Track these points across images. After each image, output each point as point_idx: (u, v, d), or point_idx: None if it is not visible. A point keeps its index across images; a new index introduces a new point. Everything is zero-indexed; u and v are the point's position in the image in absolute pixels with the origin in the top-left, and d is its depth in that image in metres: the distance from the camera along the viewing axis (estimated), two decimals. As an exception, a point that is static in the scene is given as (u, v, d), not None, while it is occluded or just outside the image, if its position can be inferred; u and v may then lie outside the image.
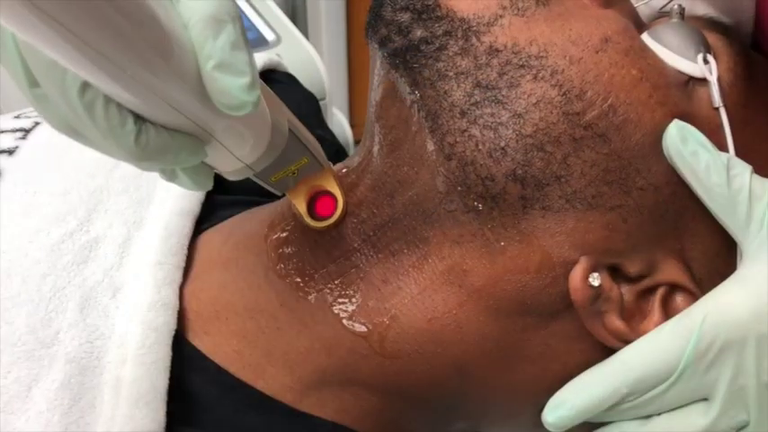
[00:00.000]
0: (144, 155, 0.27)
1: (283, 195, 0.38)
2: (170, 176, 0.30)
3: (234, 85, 0.25)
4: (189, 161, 0.28)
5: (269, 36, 0.91)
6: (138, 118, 0.26)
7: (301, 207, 0.38)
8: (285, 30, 0.93)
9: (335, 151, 0.58)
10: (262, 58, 0.57)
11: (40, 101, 0.27)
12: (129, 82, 0.25)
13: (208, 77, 0.26)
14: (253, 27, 0.92)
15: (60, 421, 0.33)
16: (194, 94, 0.26)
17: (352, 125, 0.96)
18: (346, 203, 0.38)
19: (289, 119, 0.34)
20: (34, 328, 0.36)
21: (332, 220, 0.38)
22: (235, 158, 0.31)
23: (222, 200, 0.46)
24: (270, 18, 0.94)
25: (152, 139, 0.26)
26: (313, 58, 0.90)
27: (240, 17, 0.26)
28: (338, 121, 0.95)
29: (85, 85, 0.25)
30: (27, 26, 0.22)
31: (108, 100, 0.25)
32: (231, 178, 0.33)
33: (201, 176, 0.31)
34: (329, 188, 0.38)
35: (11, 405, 0.34)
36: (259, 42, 0.90)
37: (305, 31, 1.49)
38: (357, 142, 0.87)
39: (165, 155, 0.27)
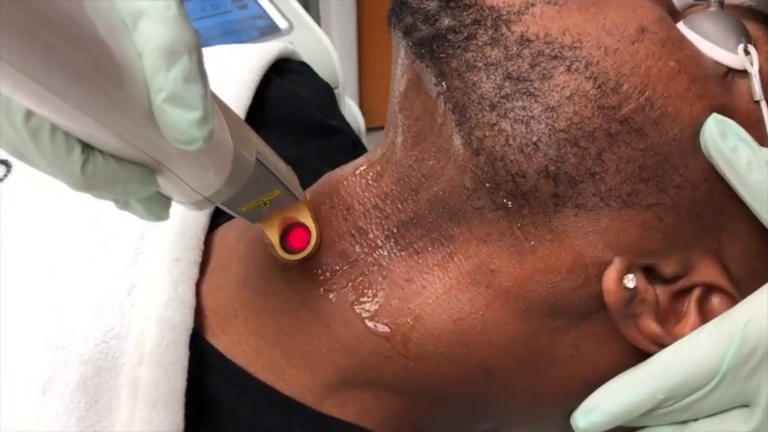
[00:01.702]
0: (91, 184, 0.25)
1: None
2: (123, 205, 0.29)
3: (184, 119, 0.24)
4: (139, 192, 0.27)
5: (281, 24, 0.90)
6: (87, 146, 0.25)
7: (273, 238, 0.36)
8: (297, 17, 0.92)
9: (352, 142, 0.57)
10: (276, 47, 0.56)
11: None
12: (71, 112, 0.23)
13: (158, 110, 0.24)
14: (265, 14, 0.91)
15: (77, 425, 0.32)
16: (145, 126, 0.25)
17: (363, 113, 0.95)
18: (320, 237, 0.37)
19: (259, 150, 0.32)
20: (48, 328, 0.35)
21: (304, 254, 0.36)
22: (191, 190, 0.29)
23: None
24: (282, 5, 0.92)
25: (99, 168, 0.25)
26: (326, 46, 0.89)
27: (199, 48, 0.24)
28: (350, 111, 0.93)
29: (31, 112, 0.24)
30: None
31: (54, 128, 0.24)
32: (190, 209, 0.31)
33: (157, 206, 0.29)
34: (303, 220, 0.37)
35: (25, 408, 0.33)
36: (271, 30, 0.89)
37: (316, 19, 1.47)
38: (369, 131, 0.86)
39: (114, 185, 0.26)
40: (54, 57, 0.22)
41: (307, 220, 0.37)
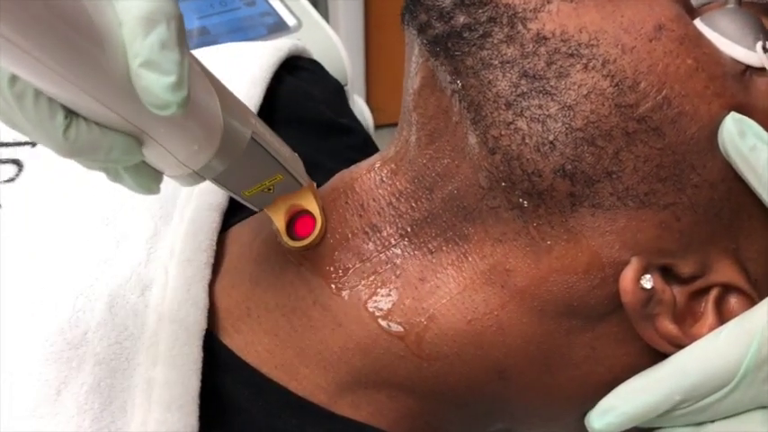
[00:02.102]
0: (73, 150, 0.26)
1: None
2: (114, 176, 0.29)
3: (158, 83, 0.25)
4: (123, 160, 0.27)
5: (290, 21, 0.90)
6: (71, 112, 0.26)
7: (279, 225, 0.36)
8: (306, 14, 0.91)
9: (363, 141, 0.56)
10: (287, 44, 0.55)
11: None
12: (52, 76, 0.24)
13: (134, 75, 0.25)
14: (273, 12, 0.91)
15: (91, 426, 0.32)
16: (125, 93, 0.26)
17: (370, 111, 0.94)
18: (325, 224, 0.37)
19: (256, 131, 0.32)
20: (62, 328, 0.35)
21: (308, 241, 0.36)
22: (178, 162, 0.29)
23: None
24: (290, 2, 0.92)
25: (82, 134, 0.26)
26: (334, 44, 0.88)
27: (180, 17, 0.25)
28: (359, 108, 0.93)
29: (15, 77, 0.25)
30: None
31: (38, 93, 0.25)
32: (182, 184, 0.31)
33: (146, 179, 0.30)
34: (308, 207, 0.37)
35: (40, 409, 0.32)
36: (280, 27, 0.89)
37: (324, 16, 1.47)
38: (376, 128, 0.86)
39: (97, 152, 0.26)
40: (35, 20, 0.23)
41: (312, 206, 0.37)
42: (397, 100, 0.38)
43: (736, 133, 0.32)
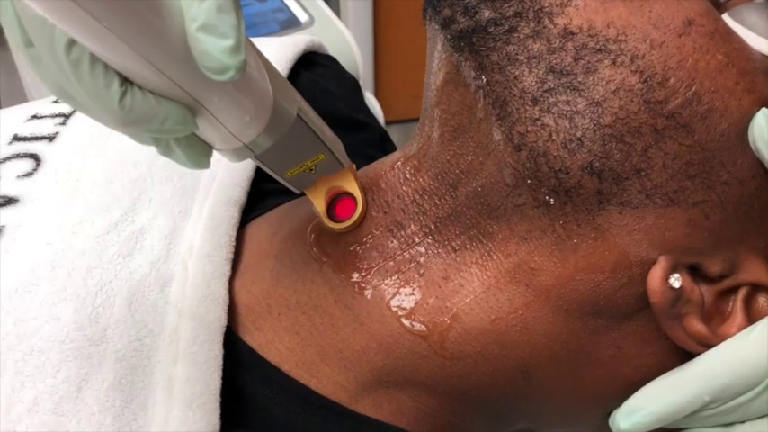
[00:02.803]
0: (128, 119, 0.26)
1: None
2: (165, 150, 0.29)
3: (216, 47, 0.25)
4: (177, 131, 0.27)
5: (302, 17, 0.89)
6: (126, 81, 0.26)
7: (320, 207, 0.36)
8: (318, 10, 0.91)
9: (380, 136, 0.56)
10: (303, 40, 0.55)
11: (35, 61, 0.27)
12: (111, 40, 0.24)
13: (192, 39, 0.25)
14: (285, 8, 0.90)
15: (113, 423, 0.32)
16: (182, 59, 0.26)
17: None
18: (366, 206, 0.36)
19: (301, 107, 0.32)
20: (82, 325, 0.34)
21: (349, 222, 0.36)
22: (230, 134, 0.29)
23: (269, 188, 0.44)
24: (303, -1, 0.92)
25: (138, 102, 0.26)
26: (347, 40, 0.88)
27: None
28: (371, 104, 0.93)
29: (72, 43, 0.25)
30: None
31: (94, 59, 0.25)
32: (231, 160, 0.31)
33: (196, 152, 0.30)
34: (349, 189, 0.37)
35: (61, 406, 0.32)
36: (292, 23, 0.89)
37: (335, 12, 1.47)
38: (386, 125, 0.85)
39: (151, 121, 0.26)
40: None
41: (353, 187, 0.37)
42: (406, 97, 0.38)
43: None
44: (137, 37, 0.24)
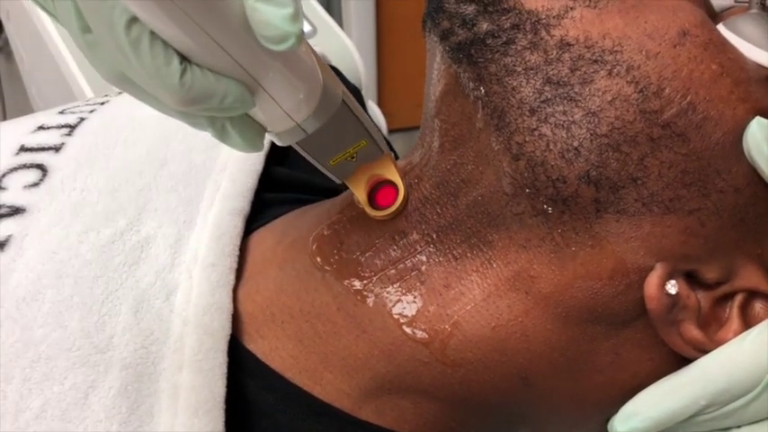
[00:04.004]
0: (188, 96, 0.27)
1: (342, 186, 0.37)
2: (220, 132, 0.30)
3: (275, 15, 0.25)
4: (235, 108, 0.28)
5: (305, 27, 0.90)
6: (185, 59, 0.26)
7: (361, 195, 0.37)
8: (321, 20, 0.92)
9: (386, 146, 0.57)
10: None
11: (92, 48, 0.27)
12: (174, 13, 0.25)
13: (250, 10, 0.26)
14: (288, 18, 0.91)
15: (119, 430, 0.33)
16: (241, 35, 0.27)
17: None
18: (407, 193, 0.37)
19: (343, 90, 0.33)
20: (88, 333, 0.35)
21: (392, 210, 0.36)
22: (283, 113, 0.30)
23: (272, 198, 0.45)
24: (305, 8, 0.92)
25: (197, 79, 0.27)
26: (349, 49, 0.89)
27: None
28: (373, 113, 0.93)
29: (132, 22, 0.25)
30: None
31: (154, 37, 0.26)
32: (282, 142, 0.32)
33: (251, 133, 0.30)
34: (389, 176, 0.37)
35: (69, 413, 0.33)
36: (295, 33, 0.89)
37: (337, 22, 1.47)
38: (388, 133, 0.86)
39: (211, 98, 0.27)
40: None
41: (393, 174, 0.37)
42: (409, 105, 0.39)
43: (762, 138, 0.32)
44: (197, 11, 0.25)
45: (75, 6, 0.26)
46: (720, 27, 0.35)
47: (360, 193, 0.37)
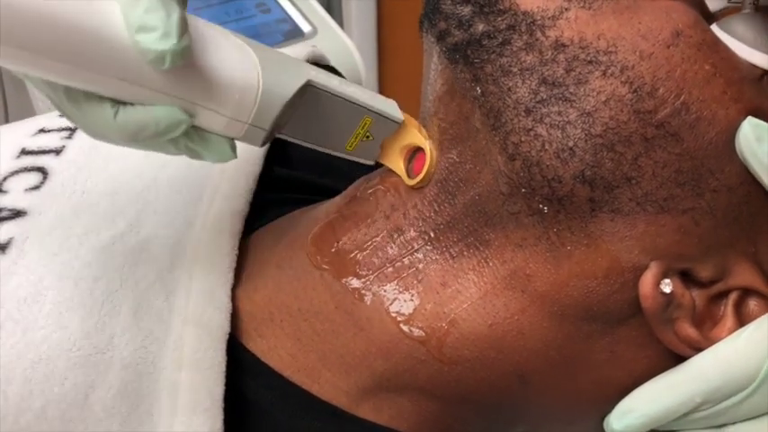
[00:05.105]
0: (127, 132, 0.30)
1: (343, 187, 0.38)
2: (186, 151, 0.33)
3: (148, 40, 0.28)
4: (173, 129, 0.31)
5: (305, 27, 0.90)
6: (117, 102, 0.30)
7: (400, 170, 0.37)
8: (321, 21, 0.92)
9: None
10: (304, 51, 0.56)
11: (72, 116, 0.32)
12: (89, 76, 0.29)
13: (134, 45, 0.29)
14: (289, 18, 0.91)
15: (120, 430, 0.33)
16: (143, 66, 0.29)
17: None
18: (435, 152, 0.36)
19: (314, 79, 0.34)
20: (88, 333, 0.35)
21: (423, 174, 0.36)
22: (229, 119, 0.32)
23: (271, 199, 0.45)
24: (306, 9, 0.93)
25: (130, 115, 0.30)
26: (350, 50, 0.89)
27: None
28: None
29: (68, 88, 0.30)
30: None
31: (87, 93, 0.30)
32: (256, 144, 0.34)
33: (216, 145, 0.33)
34: (415, 141, 0.37)
35: (69, 413, 0.33)
36: (295, 34, 0.90)
37: (338, 22, 1.48)
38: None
39: (146, 128, 0.30)
40: (68, 47, 0.28)
41: (416, 138, 0.37)
42: (410, 105, 0.39)
43: (753, 138, 0.32)
44: (97, 63, 0.29)
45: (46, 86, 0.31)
46: (714, 27, 0.35)
47: (398, 168, 0.37)
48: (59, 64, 0.28)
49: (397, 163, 0.37)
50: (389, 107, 0.36)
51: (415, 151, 0.37)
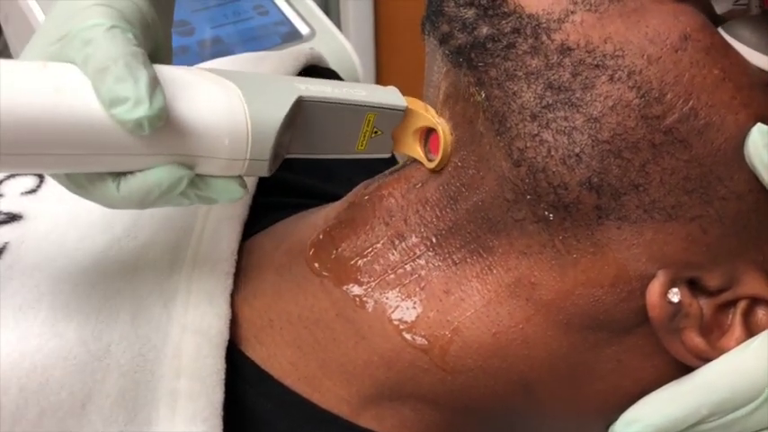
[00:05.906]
0: (135, 200, 0.31)
1: (344, 191, 0.38)
2: (198, 201, 0.32)
3: (122, 112, 0.28)
4: (176, 186, 0.31)
5: (303, 29, 0.90)
6: (117, 175, 0.31)
7: (419, 156, 0.36)
8: (319, 23, 0.91)
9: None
10: (303, 53, 0.55)
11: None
12: (83, 161, 0.30)
13: (112, 118, 0.29)
14: (287, 21, 0.91)
15: None
16: (125, 136, 0.29)
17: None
18: (446, 128, 0.36)
19: (305, 94, 0.33)
20: (85, 341, 0.35)
21: (440, 156, 0.35)
22: (229, 160, 0.32)
23: (269, 203, 0.44)
24: (304, 11, 0.92)
25: (132, 184, 0.30)
26: (348, 52, 0.88)
27: (127, 56, 0.29)
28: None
29: (68, 174, 0.31)
30: None
31: (89, 176, 0.31)
32: (264, 174, 0.33)
33: (225, 187, 0.32)
34: (425, 123, 0.36)
35: (66, 422, 0.32)
36: (293, 36, 0.89)
37: (336, 24, 1.47)
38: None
39: (151, 192, 0.30)
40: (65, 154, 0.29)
41: (426, 120, 0.36)
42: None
43: (762, 145, 0.32)
44: (79, 146, 0.29)
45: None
46: (720, 31, 0.35)
47: (416, 154, 0.36)
48: (47, 158, 0.29)
49: (413, 149, 0.36)
50: (390, 97, 0.36)
51: (429, 132, 0.36)
